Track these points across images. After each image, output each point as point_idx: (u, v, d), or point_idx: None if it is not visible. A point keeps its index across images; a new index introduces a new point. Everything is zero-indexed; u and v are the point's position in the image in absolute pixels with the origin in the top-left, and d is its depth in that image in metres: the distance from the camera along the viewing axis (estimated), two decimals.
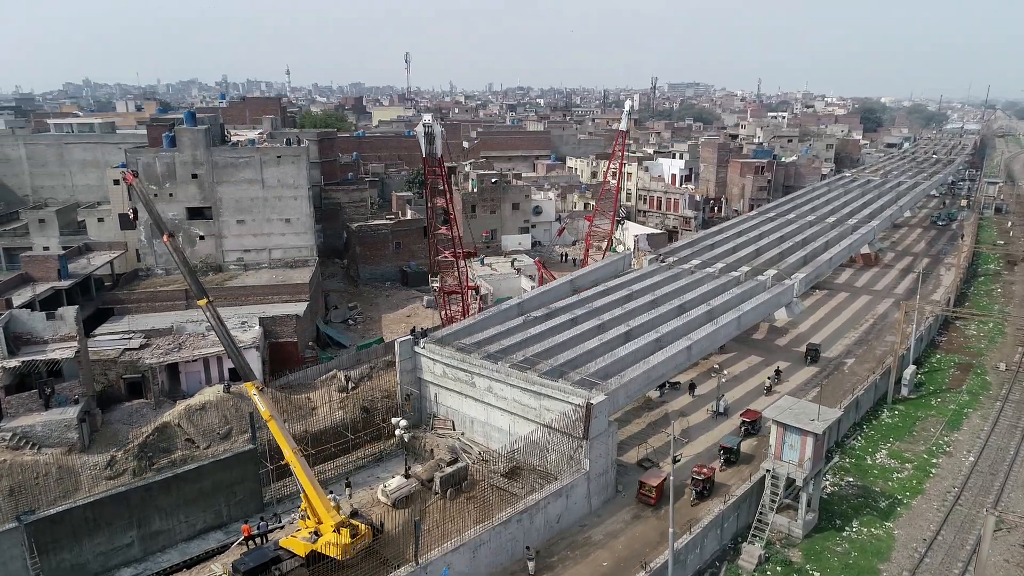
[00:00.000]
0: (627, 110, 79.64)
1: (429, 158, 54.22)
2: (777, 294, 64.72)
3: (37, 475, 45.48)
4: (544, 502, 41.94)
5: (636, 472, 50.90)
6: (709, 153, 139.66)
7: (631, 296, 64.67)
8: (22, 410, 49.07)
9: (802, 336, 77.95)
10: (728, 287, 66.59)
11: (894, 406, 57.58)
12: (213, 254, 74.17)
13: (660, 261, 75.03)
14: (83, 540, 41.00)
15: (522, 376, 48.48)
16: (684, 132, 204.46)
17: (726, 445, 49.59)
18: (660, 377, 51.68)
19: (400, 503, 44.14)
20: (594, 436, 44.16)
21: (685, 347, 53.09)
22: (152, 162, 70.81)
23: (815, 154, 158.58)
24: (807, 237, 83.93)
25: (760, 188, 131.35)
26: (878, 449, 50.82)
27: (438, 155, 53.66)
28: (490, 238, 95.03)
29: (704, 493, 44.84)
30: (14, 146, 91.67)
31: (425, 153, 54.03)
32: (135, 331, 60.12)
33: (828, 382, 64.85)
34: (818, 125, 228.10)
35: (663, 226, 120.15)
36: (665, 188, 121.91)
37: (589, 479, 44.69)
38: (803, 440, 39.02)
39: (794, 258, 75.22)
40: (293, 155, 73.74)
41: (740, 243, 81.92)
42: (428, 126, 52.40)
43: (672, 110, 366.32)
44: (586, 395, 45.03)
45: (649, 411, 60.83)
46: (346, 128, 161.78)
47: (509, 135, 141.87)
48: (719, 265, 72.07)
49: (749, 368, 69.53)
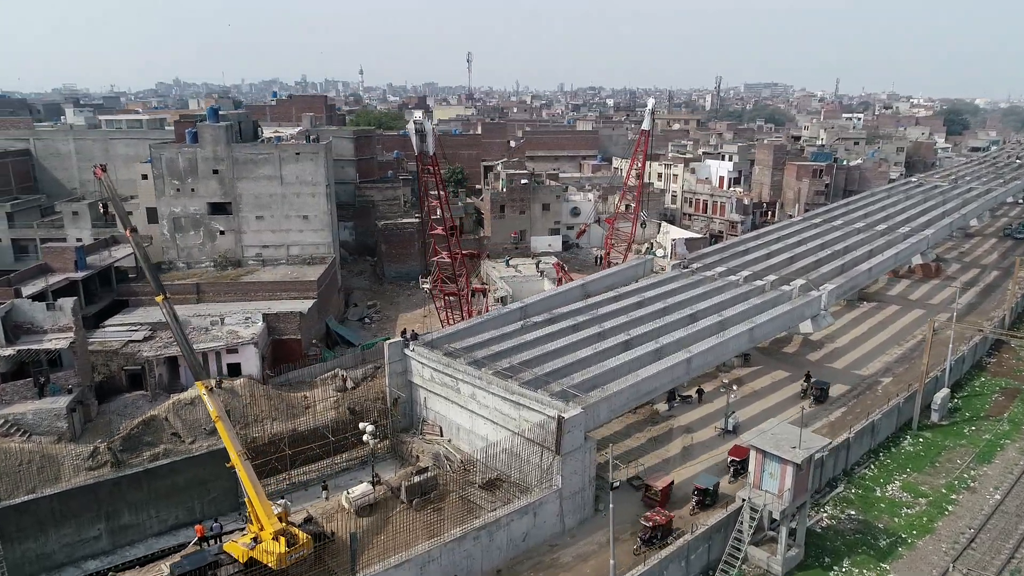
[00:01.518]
0: (649, 109, 76.20)
1: (422, 156, 52.76)
2: (801, 305, 60.37)
3: (20, 462, 46.32)
4: (507, 519, 39.80)
5: (626, 491, 48.12)
6: (764, 155, 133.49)
7: (642, 303, 61.55)
8: (17, 397, 50.26)
9: (838, 351, 72.88)
10: (748, 296, 62.62)
11: (920, 433, 52.58)
12: (233, 249, 74.95)
13: (683, 267, 71.43)
14: (49, 531, 41.36)
15: (502, 384, 46.44)
16: (747, 133, 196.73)
17: (701, 486, 43.55)
18: (652, 391, 48.63)
19: (363, 511, 42.78)
20: (567, 452, 41.73)
21: (684, 359, 49.86)
22: (175, 157, 72.06)
23: (883, 157, 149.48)
24: (849, 245, 78.46)
25: (817, 193, 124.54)
26: (891, 480, 46.32)
27: (430, 153, 52.13)
28: (519, 239, 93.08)
29: (654, 541, 39.65)
30: (64, 141, 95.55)
31: (417, 151, 52.60)
32: (142, 323, 61.03)
33: (857, 403, 60.23)
34: (896, 127, 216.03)
35: (707, 230, 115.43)
36: (711, 191, 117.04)
37: (561, 497, 42.26)
38: (783, 469, 35.54)
39: (829, 267, 70.26)
40: (311, 152, 73.73)
41: (775, 250, 77.29)
42: (419, 123, 50.99)
43: (743, 111, 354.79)
44: (561, 407, 42.67)
45: (653, 425, 57.70)
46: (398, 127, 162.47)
47: (555, 135, 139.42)
48: (744, 273, 67.95)
49: (772, 384, 65.28)
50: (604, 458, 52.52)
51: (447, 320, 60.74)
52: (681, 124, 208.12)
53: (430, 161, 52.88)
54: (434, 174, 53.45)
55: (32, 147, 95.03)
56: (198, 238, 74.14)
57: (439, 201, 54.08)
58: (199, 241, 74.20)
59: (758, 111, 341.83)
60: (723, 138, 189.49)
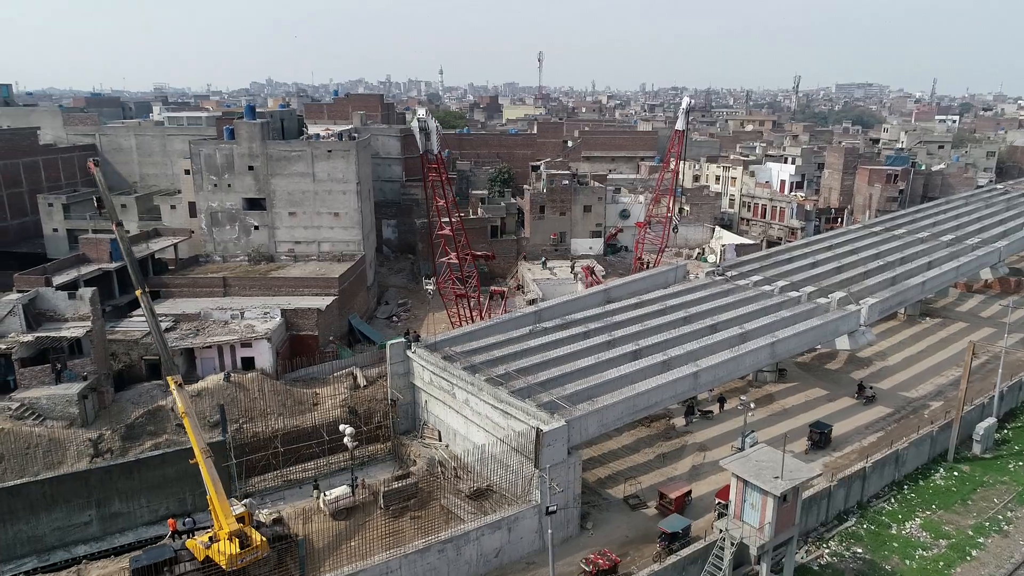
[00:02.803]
0: (684, 108, 72.49)
1: (427, 154, 51.62)
2: (835, 320, 56.07)
3: (28, 446, 47.94)
4: (477, 533, 38.19)
5: (619, 510, 45.75)
6: (835, 158, 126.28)
7: (664, 311, 58.62)
8: (35, 382, 52.11)
9: (887, 370, 67.66)
10: (779, 308, 58.69)
11: (956, 466, 47.68)
12: (266, 244, 76.10)
13: (718, 274, 67.79)
14: (41, 514, 42.49)
15: (492, 392, 44.82)
16: (824, 136, 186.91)
17: (668, 530, 39.21)
18: (652, 406, 45.89)
19: (340, 514, 42.08)
20: (548, 466, 39.69)
21: (690, 374, 46.90)
22: (212, 153, 73.69)
23: (970, 162, 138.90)
24: (906, 256, 72.70)
25: (890, 199, 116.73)
26: (912, 516, 42.00)
27: (435, 151, 50.93)
28: (559, 241, 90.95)
29: None
30: (126, 137, 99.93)
31: (422, 149, 51.51)
32: (167, 315, 62.47)
33: (897, 427, 55.50)
34: (996, 131, 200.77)
35: (765, 236, 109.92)
36: (771, 195, 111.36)
37: (541, 512, 40.25)
38: (764, 500, 32.48)
39: (877, 280, 65.22)
40: (343, 150, 73.96)
41: (821, 259, 72.44)
42: (422, 121, 49.87)
43: (829, 112, 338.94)
44: (545, 419, 40.74)
45: (666, 440, 54.85)
46: (461, 126, 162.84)
47: (613, 135, 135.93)
48: (781, 283, 63.84)
49: (806, 402, 61.12)
50: (606, 473, 50.57)
51: (458, 322, 59.51)
52: (755, 125, 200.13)
53: (435, 160, 51.70)
54: (440, 174, 52.23)
55: (98, 142, 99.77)
56: (234, 232, 75.64)
57: (445, 202, 52.80)
58: (235, 236, 75.68)
59: (845, 112, 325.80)
60: (798, 140, 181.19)
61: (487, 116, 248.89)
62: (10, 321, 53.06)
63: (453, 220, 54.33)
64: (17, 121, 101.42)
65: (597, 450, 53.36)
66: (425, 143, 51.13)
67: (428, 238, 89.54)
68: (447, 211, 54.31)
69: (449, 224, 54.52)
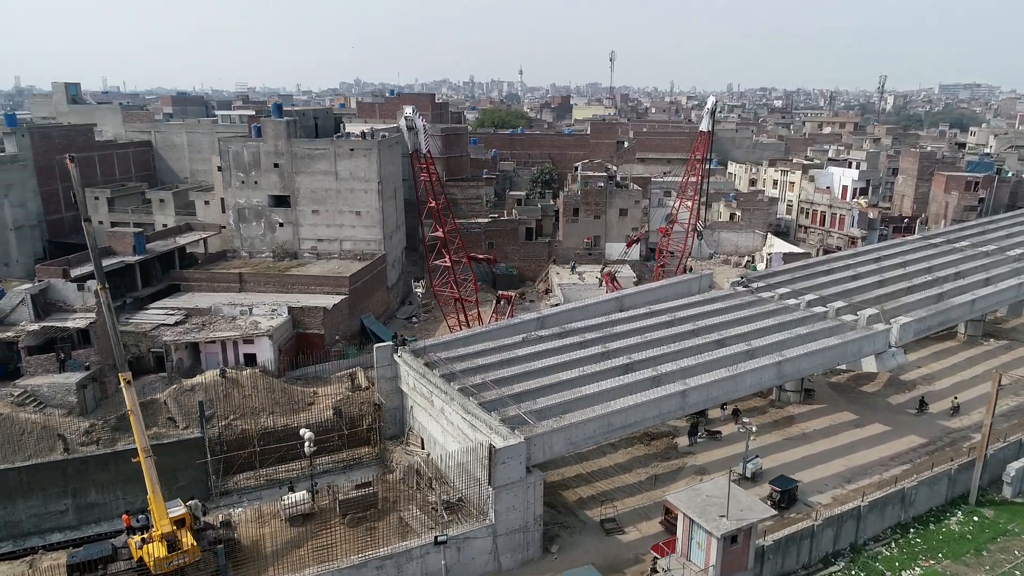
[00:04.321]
0: (709, 108, 67.87)
1: (416, 153, 50.15)
2: (858, 339, 51.23)
3: (23, 432, 49.34)
4: (421, 551, 36.39)
5: (595, 532, 43.01)
6: (909, 163, 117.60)
7: (671, 323, 55.21)
8: (40, 370, 53.80)
9: (930, 395, 61.69)
10: (799, 324, 54.22)
11: (978, 510, 42.32)
12: (290, 241, 76.68)
13: (743, 285, 63.52)
14: (18, 500, 43.53)
15: (462, 401, 42.96)
16: (911, 139, 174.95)
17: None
18: (630, 425, 42.79)
19: (297, 520, 41.15)
20: (502, 485, 37.52)
21: (678, 392, 43.61)
22: (240, 151, 74.79)
23: None
24: (962, 271, 66.23)
25: (968, 208, 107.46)
26: (912, 564, 37.35)
27: (423, 151, 49.40)
28: (592, 244, 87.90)
29: None
30: (178, 134, 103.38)
31: (411, 148, 50.07)
32: (180, 308, 63.60)
33: (931, 458, 50.23)
34: None
35: (822, 246, 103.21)
36: (830, 201, 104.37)
37: (495, 533, 38.10)
38: (708, 541, 29.26)
39: (920, 296, 59.56)
40: (365, 149, 73.59)
41: (862, 272, 66.87)
42: (409, 119, 48.44)
43: (926, 114, 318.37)
44: (506, 433, 38.58)
45: (664, 461, 51.48)
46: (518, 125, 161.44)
47: (668, 136, 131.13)
48: (809, 297, 59.11)
49: (829, 426, 56.36)
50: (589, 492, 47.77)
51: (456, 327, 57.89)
52: (835, 127, 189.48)
53: (423, 160, 50.20)
54: (429, 173, 50.68)
55: (153, 139, 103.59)
56: (260, 229, 76.58)
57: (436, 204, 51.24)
58: (260, 232, 76.62)
59: (943, 115, 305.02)
60: (879, 144, 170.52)
61: (556, 116, 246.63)
62: (21, 311, 55.00)
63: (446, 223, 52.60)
64: (84, 119, 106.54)
65: (586, 467, 50.65)
66: (414, 142, 49.72)
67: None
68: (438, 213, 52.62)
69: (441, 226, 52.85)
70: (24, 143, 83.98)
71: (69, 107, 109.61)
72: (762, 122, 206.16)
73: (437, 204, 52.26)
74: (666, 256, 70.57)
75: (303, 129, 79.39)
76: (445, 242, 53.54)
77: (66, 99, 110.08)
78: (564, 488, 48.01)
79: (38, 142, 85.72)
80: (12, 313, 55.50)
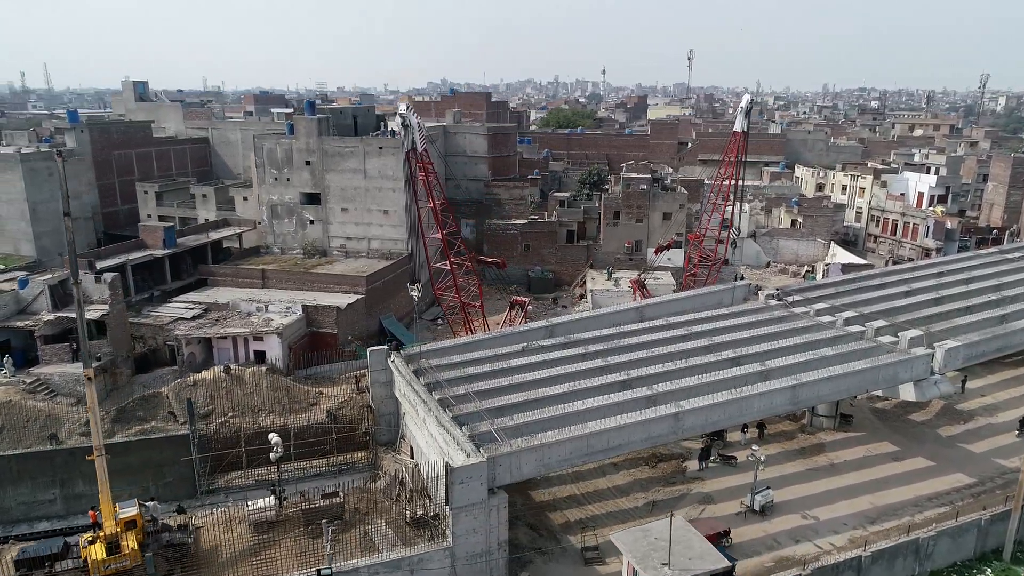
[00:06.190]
0: (742, 107, 62.68)
1: (412, 151, 48.25)
2: (893, 364, 45.93)
3: (28, 419, 50.50)
4: (369, 571, 34.46)
5: (573, 560, 40.06)
6: (1000, 169, 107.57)
7: (686, 337, 51.33)
8: (54, 359, 55.17)
9: (987, 429, 55.49)
10: (828, 344, 49.28)
11: (1012, 568, 36.73)
12: (320, 238, 76.57)
13: (778, 299, 58.68)
14: (7, 487, 44.30)
15: (437, 413, 40.84)
16: (1013, 144, 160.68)
17: None
18: (612, 447, 39.41)
19: (261, 527, 39.98)
20: (460, 506, 35.13)
21: (670, 415, 40.00)
22: (273, 148, 75.19)
23: None
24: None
25: None
26: None
27: (419, 149, 47.45)
28: (632, 249, 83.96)
29: None
30: (233, 131, 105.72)
31: (407, 146, 48.21)
32: (199, 302, 64.20)
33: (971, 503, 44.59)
34: None
35: (892, 256, 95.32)
36: (903, 209, 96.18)
37: (453, 557, 35.74)
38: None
39: (976, 318, 53.34)
40: (392, 147, 72.48)
41: (919, 288, 60.66)
42: (403, 116, 46.60)
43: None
44: (471, 451, 36.19)
45: (667, 486, 47.76)
46: (581, 125, 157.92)
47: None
48: (847, 314, 53.79)
49: (863, 458, 51.20)
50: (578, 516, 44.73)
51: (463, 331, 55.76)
52: (927, 130, 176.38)
53: (420, 158, 48.25)
54: (427, 173, 48.70)
55: (210, 136, 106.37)
56: (291, 226, 76.82)
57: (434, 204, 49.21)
58: (292, 229, 76.86)
59: None
60: (976, 148, 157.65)
61: (631, 116, 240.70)
62: (40, 301, 56.53)
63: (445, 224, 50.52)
64: (149, 115, 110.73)
65: (582, 487, 47.57)
66: (409, 140, 47.92)
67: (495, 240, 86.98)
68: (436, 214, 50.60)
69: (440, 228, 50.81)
70: (83, 138, 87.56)
71: (136, 104, 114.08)
72: (843, 123, 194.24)
73: (435, 205, 50.26)
74: (697, 265, 66.15)
75: (340, 127, 79.17)
76: (445, 244, 51.50)
77: (134, 97, 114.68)
78: (552, 509, 45.16)
79: (97, 138, 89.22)
80: (33, 302, 57.15)
